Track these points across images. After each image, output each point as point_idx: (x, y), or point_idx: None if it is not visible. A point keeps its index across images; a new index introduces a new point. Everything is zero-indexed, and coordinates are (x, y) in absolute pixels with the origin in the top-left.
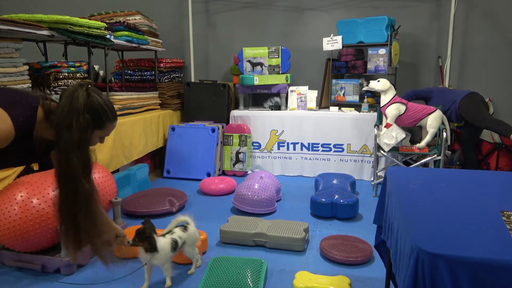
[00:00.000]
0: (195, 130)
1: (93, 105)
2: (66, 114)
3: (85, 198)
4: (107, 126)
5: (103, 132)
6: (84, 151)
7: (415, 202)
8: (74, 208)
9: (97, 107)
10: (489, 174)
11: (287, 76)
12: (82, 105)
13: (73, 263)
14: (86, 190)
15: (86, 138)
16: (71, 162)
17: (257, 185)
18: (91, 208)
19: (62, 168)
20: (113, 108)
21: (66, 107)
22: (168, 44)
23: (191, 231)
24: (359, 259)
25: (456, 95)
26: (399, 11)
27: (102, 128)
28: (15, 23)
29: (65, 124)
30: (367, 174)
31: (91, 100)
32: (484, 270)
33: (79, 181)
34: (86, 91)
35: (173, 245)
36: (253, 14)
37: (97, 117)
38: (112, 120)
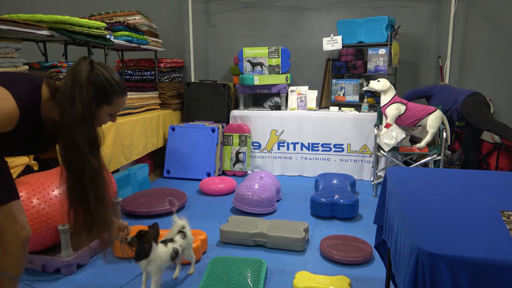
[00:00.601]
0: (195, 130)
1: (98, 78)
2: (69, 88)
3: (93, 177)
4: (115, 101)
5: (111, 108)
6: (89, 127)
7: (415, 202)
8: (82, 188)
9: (102, 80)
10: (489, 174)
11: (287, 76)
12: (85, 78)
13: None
14: (93, 168)
15: (90, 113)
16: (76, 138)
17: (257, 185)
18: (100, 187)
19: (66, 146)
20: (121, 82)
21: (69, 81)
22: (168, 44)
23: (188, 236)
24: (359, 259)
25: (458, 95)
26: (399, 11)
27: (110, 103)
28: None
29: (68, 99)
30: (367, 174)
31: (95, 73)
32: (484, 270)
33: (85, 158)
34: (89, 64)
35: (172, 255)
36: (253, 14)
37: (103, 91)
38: (120, 95)
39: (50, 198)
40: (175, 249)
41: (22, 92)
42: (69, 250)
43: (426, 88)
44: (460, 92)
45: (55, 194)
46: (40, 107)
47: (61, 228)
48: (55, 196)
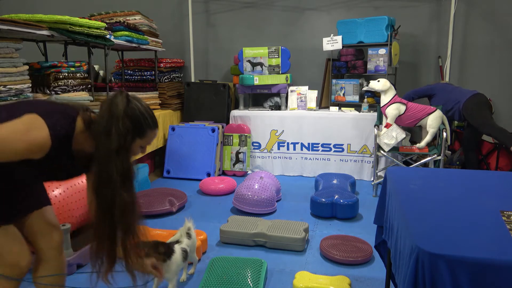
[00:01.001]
0: (195, 130)
1: (133, 112)
2: (105, 120)
3: (124, 209)
4: (148, 134)
5: (144, 140)
6: (124, 159)
7: (415, 202)
8: (111, 220)
9: (138, 114)
10: (489, 174)
11: (287, 76)
12: (122, 111)
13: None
14: (124, 200)
15: (125, 145)
16: (109, 169)
17: (257, 185)
18: (129, 221)
19: (100, 177)
20: (153, 115)
21: (105, 114)
22: (168, 44)
23: (193, 237)
24: (359, 259)
25: (460, 95)
26: (399, 11)
27: (143, 136)
28: (15, 23)
29: (104, 131)
30: (367, 174)
31: (131, 107)
32: (484, 270)
33: (116, 190)
34: (125, 97)
35: (184, 256)
36: (253, 14)
37: (138, 124)
38: (153, 128)
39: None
40: (184, 249)
41: (56, 123)
42: (69, 250)
43: (427, 87)
44: (463, 92)
45: (55, 194)
46: (72, 138)
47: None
48: (55, 196)
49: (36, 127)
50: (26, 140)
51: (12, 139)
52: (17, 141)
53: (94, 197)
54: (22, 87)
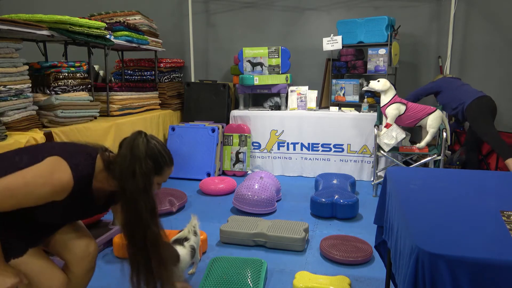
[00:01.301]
0: (195, 130)
1: (153, 151)
2: (128, 162)
3: (155, 242)
4: (165, 171)
5: (161, 178)
6: (150, 196)
7: (415, 202)
8: (145, 254)
9: (157, 153)
10: (489, 174)
11: (287, 76)
12: (144, 151)
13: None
14: (155, 234)
15: (150, 183)
16: (140, 208)
17: (257, 185)
18: (161, 252)
19: (131, 217)
20: (169, 153)
21: (128, 155)
22: (168, 44)
23: (198, 235)
24: (359, 259)
25: (466, 96)
26: (399, 11)
27: (161, 173)
28: (15, 23)
29: (129, 172)
30: (367, 174)
31: (151, 147)
32: (484, 270)
33: (148, 227)
34: (145, 137)
35: (192, 254)
36: (253, 14)
37: (157, 163)
38: (170, 165)
39: None
40: (192, 247)
41: (78, 164)
42: None
43: (432, 84)
44: (469, 92)
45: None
46: (92, 178)
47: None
48: None
49: (59, 169)
50: (50, 183)
51: (37, 183)
52: (42, 185)
53: (125, 234)
54: (22, 87)
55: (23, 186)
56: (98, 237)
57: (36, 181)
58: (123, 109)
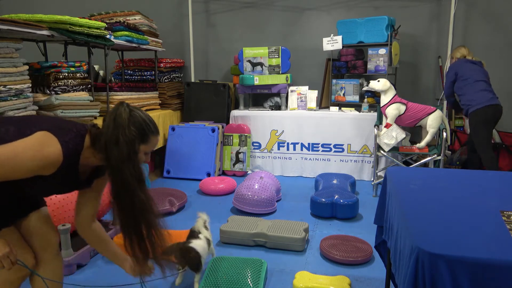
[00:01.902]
0: (195, 130)
1: (136, 119)
2: (112, 131)
3: (143, 209)
4: (151, 140)
5: (147, 146)
6: (135, 164)
7: (415, 202)
8: (134, 220)
9: (140, 121)
10: (489, 174)
11: (287, 76)
12: (126, 119)
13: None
14: (142, 200)
15: (134, 151)
16: (125, 175)
17: (257, 185)
18: (150, 218)
19: (117, 185)
20: (154, 122)
21: (111, 125)
22: (168, 44)
23: (209, 228)
24: (359, 259)
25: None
26: (399, 11)
27: (146, 142)
28: (15, 23)
29: (112, 141)
30: (367, 174)
31: (133, 115)
32: (484, 270)
33: (135, 193)
34: (127, 107)
35: (208, 243)
36: (253, 14)
37: (141, 130)
38: (155, 134)
39: (50, 198)
40: (207, 238)
41: (68, 141)
42: (69, 250)
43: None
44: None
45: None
46: (80, 155)
47: (61, 228)
48: (55, 196)
49: (49, 144)
50: (39, 157)
51: (26, 156)
52: (31, 158)
53: (115, 203)
54: (22, 87)
55: (13, 158)
56: None
57: (26, 154)
58: None
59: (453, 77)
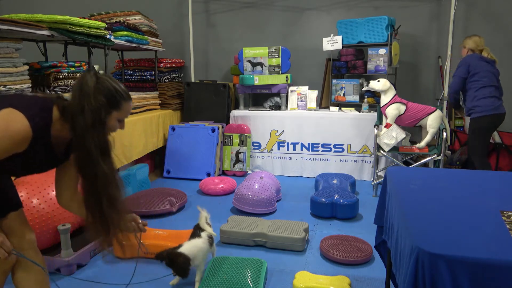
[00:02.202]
0: (195, 130)
1: (104, 86)
2: (78, 99)
3: (105, 181)
4: (123, 106)
5: (120, 113)
6: (100, 133)
7: (415, 202)
8: (96, 192)
9: (109, 87)
10: (489, 174)
11: (287, 76)
12: (92, 87)
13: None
14: (104, 172)
15: (100, 119)
16: (87, 144)
17: (257, 185)
18: (112, 191)
19: (79, 153)
20: (125, 89)
21: (77, 93)
22: (168, 44)
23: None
24: (359, 259)
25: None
26: (399, 11)
27: (119, 108)
28: (15, 23)
29: (78, 109)
30: (367, 174)
31: (101, 82)
32: (484, 270)
33: (96, 163)
34: (94, 74)
35: (210, 242)
36: (253, 14)
37: (111, 97)
38: (127, 99)
39: (50, 198)
40: (209, 236)
41: (35, 114)
42: (69, 250)
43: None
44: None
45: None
46: (50, 128)
47: (61, 228)
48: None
49: (15, 120)
50: (8, 136)
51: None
52: (0, 139)
53: (79, 173)
54: (22, 87)
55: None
56: None
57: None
58: None
59: (466, 74)
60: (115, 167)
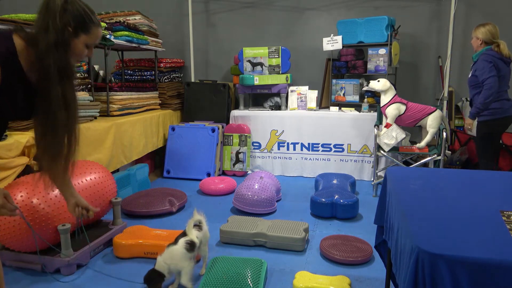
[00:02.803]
0: (195, 130)
1: (74, 7)
2: (42, 17)
3: (57, 104)
4: (93, 30)
5: (89, 37)
6: (62, 55)
7: (415, 202)
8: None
9: (78, 9)
10: (489, 174)
11: (287, 76)
12: (59, 5)
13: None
14: (58, 94)
15: (64, 40)
16: (47, 63)
17: (257, 185)
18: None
19: (39, 72)
20: (94, 13)
21: (43, 11)
22: (168, 44)
23: (205, 229)
24: (359, 259)
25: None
26: (399, 11)
27: (87, 32)
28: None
29: (42, 27)
30: (367, 174)
31: (70, 2)
32: (484, 270)
33: (53, 84)
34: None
35: (187, 247)
36: (253, 14)
37: (79, 18)
38: (97, 24)
39: (50, 198)
40: (188, 241)
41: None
42: (69, 250)
43: (493, 69)
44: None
45: (55, 194)
46: (17, 56)
47: (61, 228)
48: (55, 196)
49: None
50: None
51: None
52: None
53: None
54: None
55: None
56: (98, 237)
57: None
58: (123, 109)
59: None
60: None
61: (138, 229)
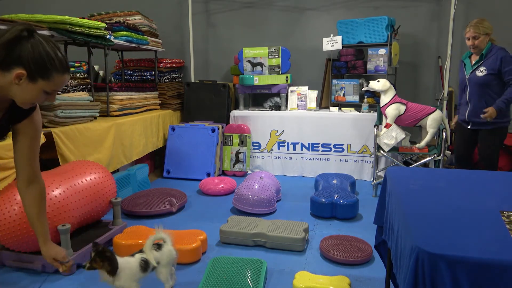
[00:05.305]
0: (195, 130)
1: (35, 49)
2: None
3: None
4: (54, 77)
5: (48, 84)
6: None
7: (415, 202)
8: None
9: (41, 51)
10: (489, 174)
11: (287, 76)
12: (4, 39)
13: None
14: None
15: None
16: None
17: (257, 185)
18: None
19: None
20: (64, 59)
21: (5, 43)
22: (168, 44)
23: (165, 250)
24: (359, 259)
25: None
26: (399, 11)
27: (47, 78)
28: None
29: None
30: (367, 174)
31: (35, 43)
32: (484, 270)
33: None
34: (27, 31)
35: (142, 265)
36: (253, 14)
37: (40, 62)
38: (62, 72)
39: (50, 198)
40: (143, 259)
41: None
42: (69, 250)
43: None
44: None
45: (55, 194)
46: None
47: (61, 228)
48: (55, 196)
49: None
50: None
51: None
52: None
53: None
54: None
55: None
56: (98, 237)
57: None
58: (123, 109)
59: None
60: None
61: (138, 229)
